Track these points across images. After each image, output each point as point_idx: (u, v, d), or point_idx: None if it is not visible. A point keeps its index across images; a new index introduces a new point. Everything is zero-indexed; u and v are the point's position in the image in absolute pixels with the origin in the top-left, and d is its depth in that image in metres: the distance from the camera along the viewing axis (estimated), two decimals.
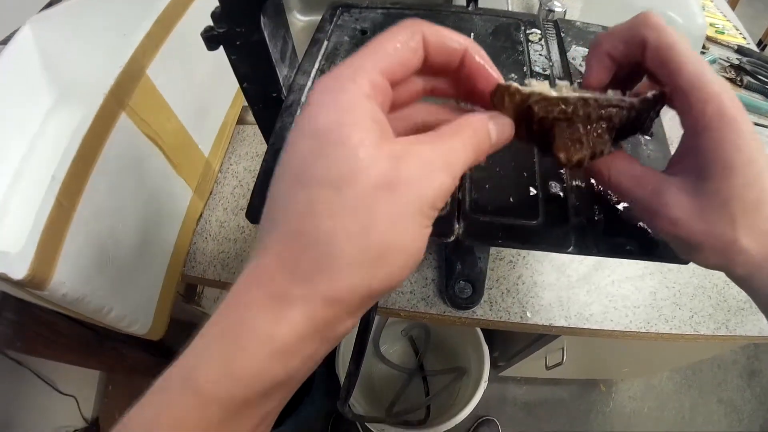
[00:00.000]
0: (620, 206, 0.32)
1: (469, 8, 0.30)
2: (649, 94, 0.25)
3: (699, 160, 0.24)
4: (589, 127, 0.24)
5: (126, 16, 0.58)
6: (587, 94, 0.24)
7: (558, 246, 0.31)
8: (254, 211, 0.30)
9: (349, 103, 0.19)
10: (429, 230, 0.20)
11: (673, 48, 0.24)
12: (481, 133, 0.22)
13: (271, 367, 0.17)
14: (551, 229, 0.31)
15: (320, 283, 0.18)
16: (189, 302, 0.85)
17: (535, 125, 0.24)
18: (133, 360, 0.81)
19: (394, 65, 0.21)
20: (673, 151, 0.28)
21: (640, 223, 0.31)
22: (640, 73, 0.28)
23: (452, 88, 0.25)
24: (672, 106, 0.26)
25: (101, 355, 0.77)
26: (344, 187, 0.18)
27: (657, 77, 0.26)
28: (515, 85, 0.23)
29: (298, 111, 0.35)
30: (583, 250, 0.30)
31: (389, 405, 1.13)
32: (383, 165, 0.18)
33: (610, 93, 0.26)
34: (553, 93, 0.24)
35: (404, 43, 0.21)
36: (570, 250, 0.31)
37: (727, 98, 0.23)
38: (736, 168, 0.23)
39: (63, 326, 0.65)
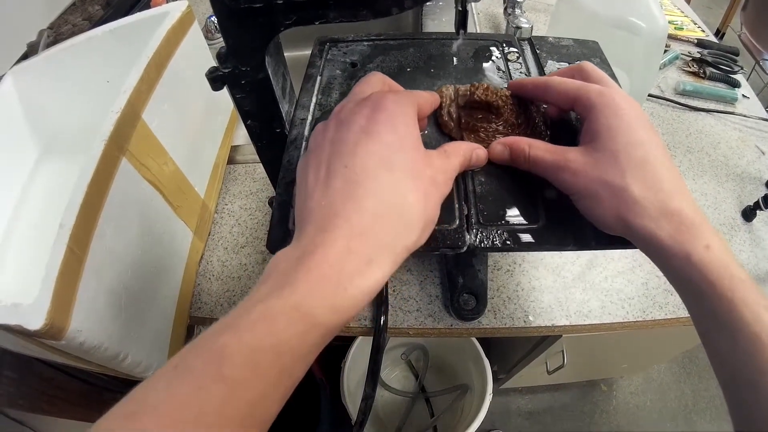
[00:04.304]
0: None
1: (459, 35, 0.32)
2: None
3: (591, 131, 0.31)
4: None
5: (105, 63, 0.58)
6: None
7: (560, 244, 0.33)
8: (275, 243, 0.31)
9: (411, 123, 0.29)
10: None
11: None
12: (469, 155, 0.32)
13: (362, 301, 0.23)
14: (552, 230, 0.33)
15: (402, 240, 0.25)
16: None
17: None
18: None
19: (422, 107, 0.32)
20: None
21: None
22: None
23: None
24: (577, 112, 0.34)
25: (102, 408, 0.74)
26: (417, 178, 0.26)
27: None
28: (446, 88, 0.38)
29: (303, 146, 0.37)
30: (583, 245, 0.33)
31: (395, 431, 1.12)
32: (431, 170, 0.28)
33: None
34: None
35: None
36: (570, 246, 0.33)
37: (608, 89, 0.31)
38: (616, 129, 0.29)
39: (62, 381, 0.64)
